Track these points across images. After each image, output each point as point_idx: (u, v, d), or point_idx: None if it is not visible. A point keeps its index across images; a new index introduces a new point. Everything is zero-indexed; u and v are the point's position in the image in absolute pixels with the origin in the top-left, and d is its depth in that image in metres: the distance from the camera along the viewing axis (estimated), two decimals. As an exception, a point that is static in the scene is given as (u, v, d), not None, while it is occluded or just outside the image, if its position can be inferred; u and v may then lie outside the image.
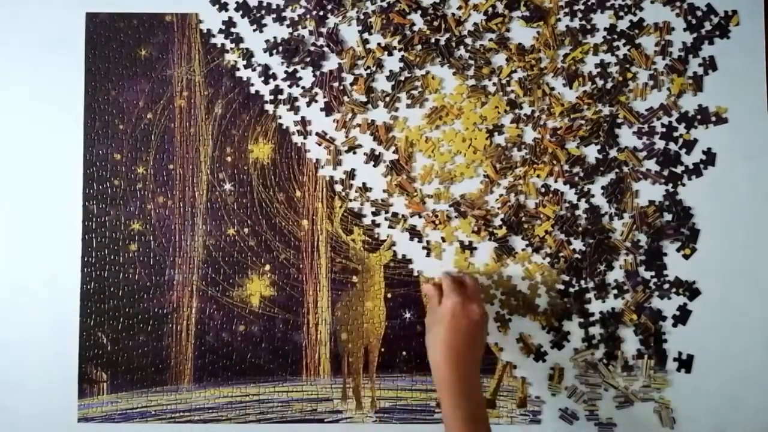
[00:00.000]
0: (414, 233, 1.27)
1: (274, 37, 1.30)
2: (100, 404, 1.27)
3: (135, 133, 1.30)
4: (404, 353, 1.27)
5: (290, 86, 1.30)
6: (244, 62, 1.30)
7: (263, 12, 1.31)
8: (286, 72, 1.30)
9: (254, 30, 1.31)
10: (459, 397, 1.07)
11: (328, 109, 1.29)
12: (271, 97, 1.30)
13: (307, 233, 1.29)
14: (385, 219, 1.28)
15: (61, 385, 1.27)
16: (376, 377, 1.27)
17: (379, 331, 1.28)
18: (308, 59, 1.30)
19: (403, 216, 1.27)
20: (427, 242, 1.27)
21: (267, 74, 1.30)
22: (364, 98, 1.28)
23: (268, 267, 1.29)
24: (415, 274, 1.27)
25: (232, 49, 1.30)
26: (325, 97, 1.29)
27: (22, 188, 1.30)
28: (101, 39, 1.32)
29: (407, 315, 1.27)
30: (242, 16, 1.31)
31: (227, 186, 1.30)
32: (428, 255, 1.27)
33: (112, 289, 1.28)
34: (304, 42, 1.29)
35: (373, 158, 1.28)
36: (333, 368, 1.28)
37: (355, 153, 1.29)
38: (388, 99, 1.28)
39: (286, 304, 1.29)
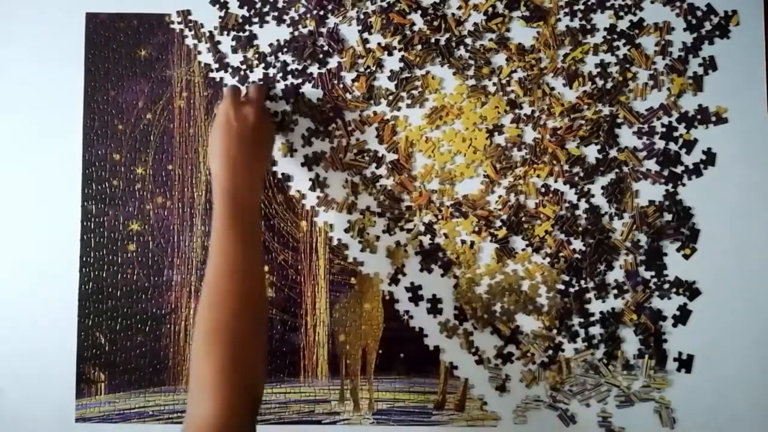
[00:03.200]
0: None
1: (278, 40, 1.30)
2: (97, 404, 1.27)
3: (134, 134, 1.30)
4: (402, 355, 1.27)
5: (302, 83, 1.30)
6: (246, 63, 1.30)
7: (268, 8, 1.31)
8: (297, 70, 1.30)
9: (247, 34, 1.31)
10: (234, 211, 1.07)
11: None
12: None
13: (306, 234, 1.28)
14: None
15: (59, 385, 1.27)
16: (374, 379, 1.27)
17: (377, 332, 1.27)
18: (319, 56, 1.30)
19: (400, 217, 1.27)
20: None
21: (285, 70, 1.30)
22: (366, 95, 1.29)
23: (266, 268, 1.28)
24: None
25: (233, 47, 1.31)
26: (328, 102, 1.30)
27: (20, 188, 1.30)
28: (101, 39, 1.32)
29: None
30: (241, 21, 1.31)
31: (226, 187, 1.29)
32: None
33: (110, 290, 1.28)
34: (309, 39, 1.30)
35: (376, 159, 1.28)
36: (331, 370, 1.27)
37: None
38: (391, 97, 1.28)
39: (284, 306, 1.28)
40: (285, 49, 1.30)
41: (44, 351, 1.27)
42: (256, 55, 1.30)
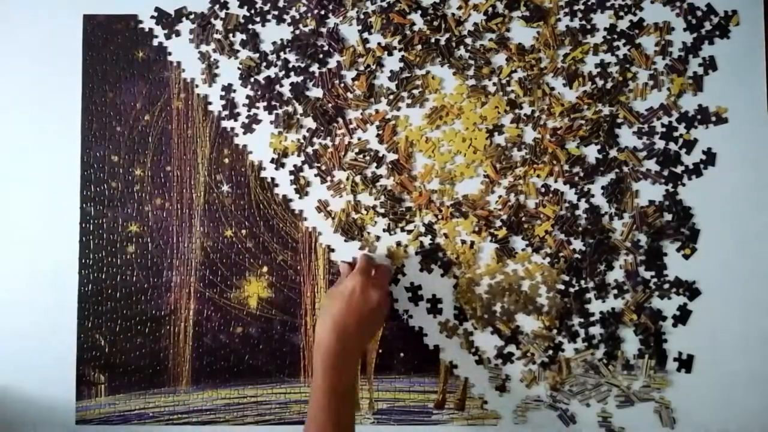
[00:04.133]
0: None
1: (281, 39, 1.30)
2: (97, 406, 1.27)
3: (132, 135, 1.29)
4: (402, 354, 1.27)
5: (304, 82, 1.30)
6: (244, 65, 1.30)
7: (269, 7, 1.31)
8: (299, 67, 1.30)
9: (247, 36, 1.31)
10: (332, 369, 1.08)
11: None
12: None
13: (305, 235, 1.28)
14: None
15: (59, 387, 1.27)
16: (374, 378, 1.27)
17: (376, 332, 1.27)
18: (320, 55, 1.29)
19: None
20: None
21: (287, 68, 1.30)
22: (366, 94, 1.28)
23: (265, 269, 1.28)
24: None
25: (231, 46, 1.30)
26: (329, 102, 1.29)
27: (19, 190, 1.30)
28: (98, 41, 1.31)
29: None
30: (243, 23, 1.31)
31: (225, 187, 1.29)
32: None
33: (109, 291, 1.28)
34: (311, 38, 1.30)
35: (376, 159, 1.28)
36: (331, 370, 1.27)
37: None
38: (391, 97, 1.28)
39: (283, 306, 1.28)
40: (288, 48, 1.30)
41: (44, 353, 1.27)
42: (257, 54, 1.30)
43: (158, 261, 1.28)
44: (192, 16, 1.31)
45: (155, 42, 1.31)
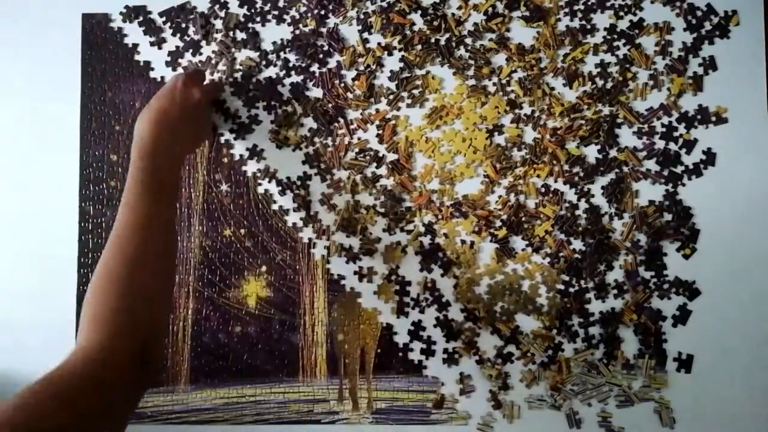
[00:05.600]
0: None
1: (282, 38, 1.30)
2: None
3: (131, 134, 1.28)
4: (401, 354, 1.26)
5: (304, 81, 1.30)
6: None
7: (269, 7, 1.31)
8: (300, 66, 1.30)
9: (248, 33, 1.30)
10: (148, 156, 1.04)
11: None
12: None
13: (304, 234, 1.28)
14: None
15: (57, 388, 1.26)
16: (373, 378, 1.27)
17: (375, 332, 1.27)
18: (320, 55, 1.30)
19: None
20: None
21: (288, 67, 1.30)
22: (366, 93, 1.28)
23: (264, 268, 1.28)
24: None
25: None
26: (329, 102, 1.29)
27: (18, 189, 1.30)
28: (97, 40, 1.31)
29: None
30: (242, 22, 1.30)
31: (224, 187, 1.29)
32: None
33: (108, 291, 1.27)
34: (312, 37, 1.30)
35: (376, 159, 1.28)
36: (330, 369, 1.27)
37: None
38: (391, 97, 1.28)
39: (282, 305, 1.28)
40: (288, 48, 1.30)
41: (43, 353, 1.25)
42: (257, 53, 1.30)
43: (157, 260, 1.28)
44: (193, 16, 1.31)
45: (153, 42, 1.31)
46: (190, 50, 1.31)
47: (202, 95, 1.15)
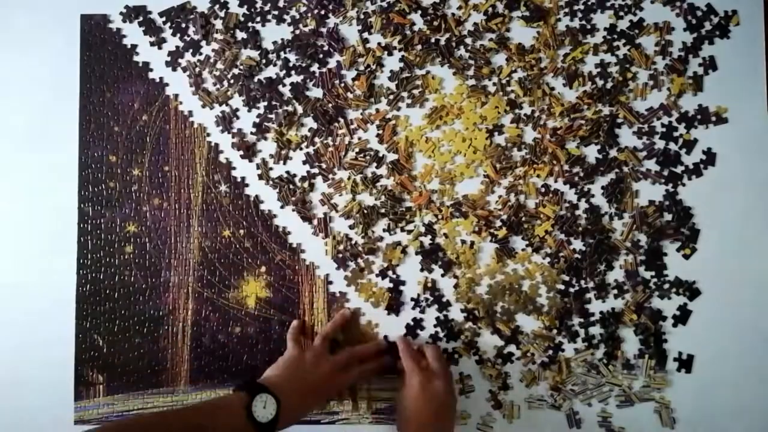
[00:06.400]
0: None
1: (286, 39, 1.30)
2: (96, 406, 1.26)
3: (130, 135, 1.29)
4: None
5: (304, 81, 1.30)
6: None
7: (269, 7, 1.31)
8: (300, 66, 1.30)
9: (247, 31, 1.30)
10: None
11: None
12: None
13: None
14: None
15: (58, 388, 1.26)
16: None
17: (374, 331, 1.27)
18: (320, 55, 1.29)
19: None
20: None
21: (287, 67, 1.30)
22: (366, 93, 1.28)
23: (263, 268, 1.28)
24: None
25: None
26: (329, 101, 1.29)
27: (17, 190, 1.29)
28: (96, 41, 1.31)
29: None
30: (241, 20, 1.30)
31: (222, 187, 1.28)
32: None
33: (107, 291, 1.27)
34: (312, 36, 1.29)
35: (376, 159, 1.28)
36: (330, 370, 1.27)
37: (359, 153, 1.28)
38: (391, 97, 1.28)
39: (281, 306, 1.28)
40: (288, 48, 1.30)
41: (42, 354, 1.26)
42: (258, 51, 1.30)
43: (156, 261, 1.28)
44: (193, 16, 1.31)
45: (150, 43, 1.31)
46: (190, 50, 1.30)
47: (443, 383, 1.15)
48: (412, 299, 1.26)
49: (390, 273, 1.27)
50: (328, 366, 1.17)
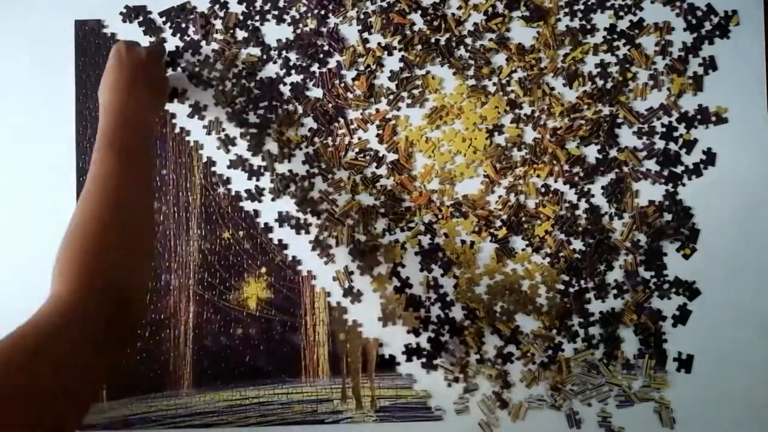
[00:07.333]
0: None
1: (286, 38, 1.29)
2: (100, 411, 1.26)
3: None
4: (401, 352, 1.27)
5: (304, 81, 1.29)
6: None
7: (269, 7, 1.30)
8: (301, 66, 1.29)
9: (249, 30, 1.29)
10: (108, 117, 1.05)
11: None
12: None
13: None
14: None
15: (60, 395, 1.26)
16: (375, 376, 1.27)
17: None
18: (320, 55, 1.29)
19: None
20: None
21: (288, 66, 1.29)
22: (366, 93, 1.28)
23: (264, 269, 1.28)
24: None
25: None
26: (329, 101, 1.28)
27: (14, 196, 1.29)
28: (91, 46, 1.29)
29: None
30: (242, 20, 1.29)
31: (221, 189, 1.28)
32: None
33: (108, 296, 1.27)
34: (312, 37, 1.29)
35: (376, 159, 1.27)
36: (332, 369, 1.28)
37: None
38: (391, 97, 1.27)
39: (283, 306, 1.28)
40: (288, 48, 1.29)
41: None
42: (259, 48, 1.29)
43: (156, 264, 1.27)
44: (193, 16, 1.30)
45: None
46: (190, 50, 1.29)
47: (147, 54, 1.15)
48: (413, 295, 1.27)
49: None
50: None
